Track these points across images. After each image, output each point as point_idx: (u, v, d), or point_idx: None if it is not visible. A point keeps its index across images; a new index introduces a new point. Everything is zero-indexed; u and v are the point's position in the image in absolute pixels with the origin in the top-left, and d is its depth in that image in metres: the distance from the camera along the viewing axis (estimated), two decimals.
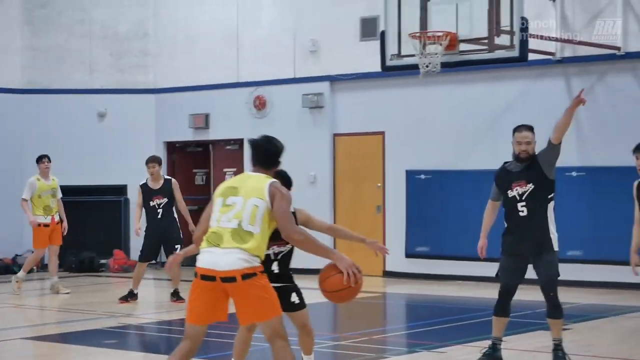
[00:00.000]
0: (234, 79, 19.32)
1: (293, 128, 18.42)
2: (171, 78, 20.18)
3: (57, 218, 15.49)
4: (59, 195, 15.60)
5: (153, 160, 14.26)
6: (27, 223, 15.51)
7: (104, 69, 20.39)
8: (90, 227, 19.32)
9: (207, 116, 19.58)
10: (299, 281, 7.86)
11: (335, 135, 18.21)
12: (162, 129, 20.23)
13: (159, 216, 14.03)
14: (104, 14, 20.33)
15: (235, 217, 6.48)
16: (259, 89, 18.94)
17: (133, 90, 20.30)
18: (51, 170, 15.66)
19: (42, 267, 18.43)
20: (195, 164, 20.42)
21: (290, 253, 7.77)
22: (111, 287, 17.04)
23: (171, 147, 20.27)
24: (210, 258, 6.40)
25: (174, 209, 14.20)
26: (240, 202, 6.52)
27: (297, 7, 18.58)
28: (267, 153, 6.89)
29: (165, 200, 14.06)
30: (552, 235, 8.75)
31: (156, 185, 14.13)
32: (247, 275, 6.36)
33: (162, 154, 19.83)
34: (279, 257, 7.65)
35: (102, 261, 19.47)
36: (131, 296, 13.99)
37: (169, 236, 13.93)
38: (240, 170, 19.29)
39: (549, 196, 8.77)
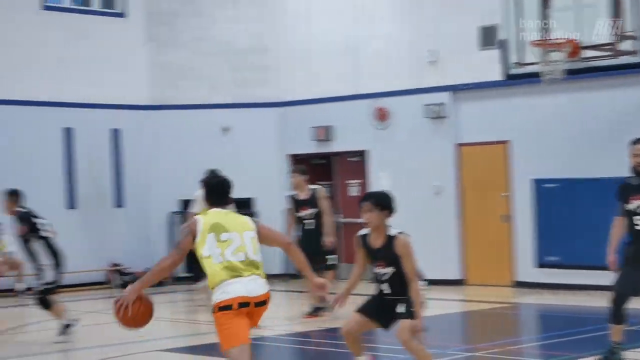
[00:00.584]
0: (354, 91, 19.42)
1: (415, 139, 18.45)
2: (292, 91, 20.40)
3: None
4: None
5: (294, 170, 14.26)
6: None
7: (225, 84, 20.74)
8: None
9: (329, 128, 19.73)
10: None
11: (458, 145, 18.14)
12: (285, 142, 20.47)
13: (308, 227, 13.91)
14: (224, 30, 20.68)
15: (239, 250, 6.98)
16: (379, 100, 19.01)
17: (255, 105, 20.60)
18: None
19: (176, 279, 18.75)
20: (318, 176, 20.56)
21: (397, 274, 8.10)
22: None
23: (294, 160, 20.47)
24: (242, 287, 6.89)
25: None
26: (234, 237, 7.03)
27: (415, 18, 18.59)
28: (222, 189, 7.39)
29: (313, 210, 13.89)
30: None
31: (303, 196, 14.08)
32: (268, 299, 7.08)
33: (285, 167, 20.09)
34: (385, 278, 8.12)
35: None
36: (318, 310, 13.65)
37: (319, 248, 13.73)
38: (363, 182, 19.41)
39: None
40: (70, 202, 19.33)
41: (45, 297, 12.30)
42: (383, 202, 8.16)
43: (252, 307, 6.91)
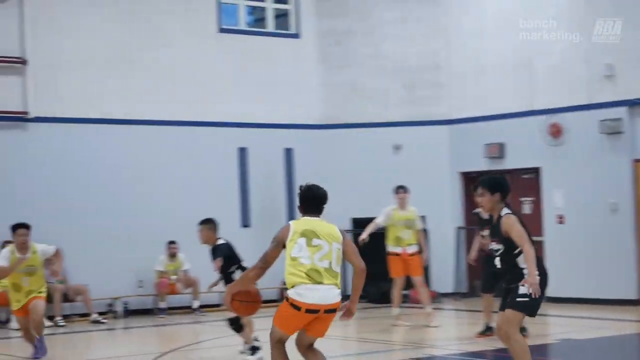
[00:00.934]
0: (527, 107, 19.13)
1: (590, 155, 18.04)
2: (464, 108, 20.29)
3: (411, 249, 15.29)
4: (418, 226, 15.37)
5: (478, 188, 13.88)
6: None
7: (397, 102, 20.80)
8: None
9: (502, 145, 19.49)
10: None
11: (635, 161, 17.61)
12: (457, 159, 20.34)
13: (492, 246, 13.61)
14: (395, 49, 20.76)
15: (324, 258, 7.78)
16: (553, 116, 18.66)
17: (427, 122, 20.56)
18: (409, 200, 15.54)
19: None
20: None
21: (508, 252, 8.50)
22: (413, 318, 17.18)
23: (466, 177, 20.30)
24: (317, 295, 7.69)
25: None
26: (324, 245, 7.81)
27: (590, 32, 18.15)
28: (317, 200, 8.07)
29: None
30: None
31: (486, 215, 13.79)
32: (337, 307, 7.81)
33: (457, 184, 20.01)
34: (498, 253, 8.61)
35: (404, 292, 19.71)
36: (489, 330, 13.40)
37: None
38: (537, 199, 19.08)
39: None
40: (244, 220, 19.74)
41: (237, 319, 11.69)
42: (494, 186, 8.71)
43: (322, 313, 7.72)
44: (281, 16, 21.02)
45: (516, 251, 8.46)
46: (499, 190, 8.68)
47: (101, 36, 18.57)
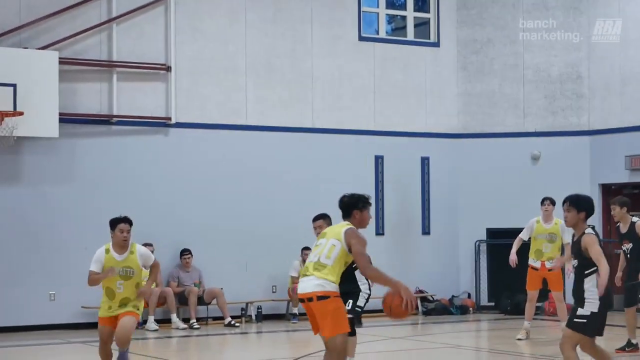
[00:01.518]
0: None
1: None
2: (606, 119, 19.88)
3: (551, 264, 14.88)
4: (565, 239, 14.65)
5: (613, 202, 13.47)
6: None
7: (537, 111, 20.51)
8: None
9: None
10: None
11: None
12: (597, 171, 19.93)
13: (631, 261, 13.11)
14: (537, 59, 20.48)
15: (317, 254, 8.40)
16: None
17: (567, 133, 20.23)
18: (554, 214, 15.07)
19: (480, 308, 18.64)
20: (632, 206, 19.82)
21: (579, 266, 8.83)
22: (547, 331, 16.93)
23: (606, 189, 19.87)
24: (300, 286, 8.40)
25: None
26: (324, 242, 8.45)
27: None
28: (342, 206, 8.78)
29: (631, 245, 13.09)
30: None
31: (623, 229, 13.24)
32: (321, 297, 8.18)
33: (596, 196, 19.56)
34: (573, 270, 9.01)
35: (537, 304, 19.41)
36: (630, 346, 13.08)
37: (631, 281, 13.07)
38: None
39: None
40: (379, 229, 19.77)
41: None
42: (579, 204, 8.98)
43: (305, 303, 8.26)
44: (420, 25, 20.99)
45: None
46: (584, 210, 8.99)
47: (243, 44, 18.90)
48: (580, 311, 8.76)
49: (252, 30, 18.99)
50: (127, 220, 10.70)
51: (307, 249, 18.46)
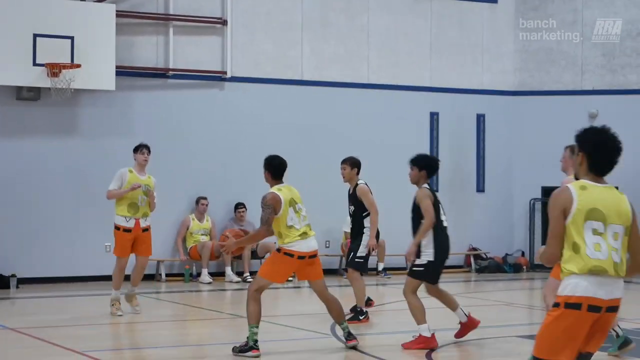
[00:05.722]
0: None
1: None
2: None
3: None
4: None
5: None
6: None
7: (594, 69, 20.24)
8: None
9: None
10: None
11: None
12: None
13: None
14: (596, 15, 20.17)
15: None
16: None
17: (625, 91, 19.96)
18: None
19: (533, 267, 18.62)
20: None
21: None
22: None
23: None
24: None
25: None
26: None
27: None
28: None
29: None
30: None
31: None
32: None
33: None
34: None
35: None
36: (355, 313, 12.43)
37: None
38: None
39: None
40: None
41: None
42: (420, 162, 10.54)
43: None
44: None
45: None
46: (425, 168, 10.40)
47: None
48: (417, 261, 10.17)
49: None
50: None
51: None
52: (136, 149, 12.85)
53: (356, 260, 12.18)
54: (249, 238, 11.21)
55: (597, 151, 5.64)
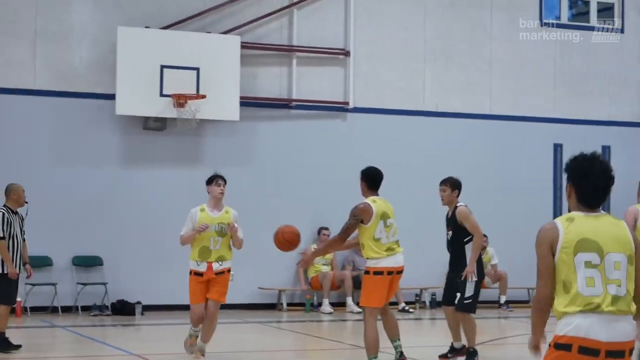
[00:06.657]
0: None
1: None
2: None
3: None
4: None
5: None
6: None
7: None
8: None
9: None
10: None
11: None
12: None
13: None
14: None
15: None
16: None
17: None
18: None
19: None
20: None
21: None
22: None
23: None
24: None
25: None
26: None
27: None
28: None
29: None
30: None
31: None
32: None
33: None
34: None
35: None
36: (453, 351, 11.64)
37: None
38: None
39: None
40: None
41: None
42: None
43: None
44: (603, 10, 20.40)
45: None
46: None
47: (421, 29, 18.84)
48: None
49: (431, 14, 18.91)
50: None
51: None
52: (210, 181, 11.02)
53: (465, 302, 10.86)
54: (325, 247, 11.14)
55: (583, 180, 5.12)
